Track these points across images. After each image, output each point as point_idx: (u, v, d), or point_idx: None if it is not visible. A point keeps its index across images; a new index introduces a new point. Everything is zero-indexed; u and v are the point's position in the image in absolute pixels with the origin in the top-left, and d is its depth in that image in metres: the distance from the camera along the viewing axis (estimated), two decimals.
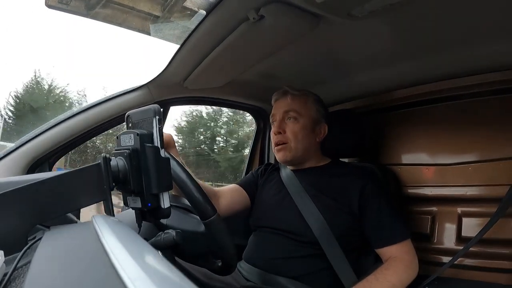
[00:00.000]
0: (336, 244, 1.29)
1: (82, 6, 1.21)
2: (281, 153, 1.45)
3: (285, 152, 1.44)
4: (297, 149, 1.44)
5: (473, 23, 1.13)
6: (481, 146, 1.51)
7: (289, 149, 1.44)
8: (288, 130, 1.44)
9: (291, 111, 1.44)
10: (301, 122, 1.44)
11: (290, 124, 1.44)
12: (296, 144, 1.43)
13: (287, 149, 1.44)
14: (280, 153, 1.46)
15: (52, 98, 15.96)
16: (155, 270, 0.39)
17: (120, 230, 0.54)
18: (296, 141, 1.43)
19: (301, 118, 1.44)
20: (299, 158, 1.47)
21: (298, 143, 1.43)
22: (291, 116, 1.44)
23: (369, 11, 1.01)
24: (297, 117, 1.44)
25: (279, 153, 1.46)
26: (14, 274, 0.47)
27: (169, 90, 1.65)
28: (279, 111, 1.47)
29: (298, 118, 1.44)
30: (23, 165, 1.35)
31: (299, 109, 1.45)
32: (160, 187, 0.71)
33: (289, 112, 1.45)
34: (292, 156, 1.45)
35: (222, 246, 0.95)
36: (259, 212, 1.50)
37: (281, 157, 1.46)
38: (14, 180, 0.83)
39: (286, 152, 1.44)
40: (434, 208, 1.62)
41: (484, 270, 1.43)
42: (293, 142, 1.43)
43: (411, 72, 1.54)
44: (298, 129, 1.43)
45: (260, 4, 1.01)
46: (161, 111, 0.73)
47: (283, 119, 1.46)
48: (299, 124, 1.44)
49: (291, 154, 1.44)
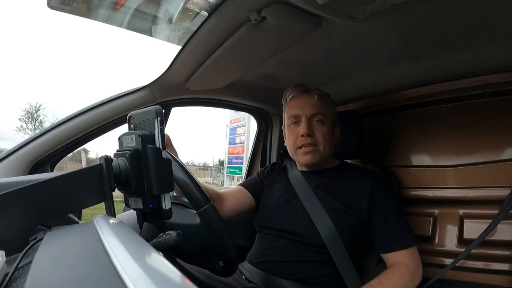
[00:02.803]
0: (343, 247, 1.29)
1: (84, 7, 1.21)
2: (309, 156, 1.41)
3: (314, 155, 1.41)
4: (325, 152, 1.42)
5: (475, 25, 1.13)
6: (482, 147, 1.51)
7: (318, 151, 1.41)
8: (317, 132, 1.40)
9: (319, 114, 1.41)
10: (327, 124, 1.42)
11: (318, 126, 1.41)
12: (325, 147, 1.41)
13: (317, 152, 1.41)
14: (308, 156, 1.42)
15: None
16: (156, 271, 0.38)
17: (121, 231, 0.54)
18: (325, 144, 1.41)
19: (326, 121, 1.42)
20: (322, 161, 1.45)
21: (327, 146, 1.41)
22: (319, 119, 1.41)
23: (371, 12, 1.00)
24: (324, 119, 1.42)
25: (306, 155, 1.42)
26: (15, 274, 0.47)
27: (171, 91, 1.65)
28: (304, 111, 1.41)
29: (324, 120, 1.42)
30: (25, 166, 1.36)
31: (325, 112, 1.42)
32: (161, 188, 0.71)
33: (316, 115, 1.41)
34: (319, 159, 1.42)
35: (217, 235, 0.95)
36: (265, 213, 1.49)
37: (309, 160, 1.42)
38: (16, 180, 0.83)
39: (315, 155, 1.41)
40: (435, 210, 1.62)
41: (486, 272, 1.43)
42: (322, 145, 1.40)
43: (412, 73, 1.54)
44: (326, 131, 1.41)
45: (262, 6, 1.01)
46: (163, 112, 0.73)
47: (310, 120, 1.41)
48: (326, 127, 1.42)
49: (319, 157, 1.42)
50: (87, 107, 1.48)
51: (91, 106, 1.48)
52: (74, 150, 1.53)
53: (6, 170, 1.32)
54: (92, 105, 1.49)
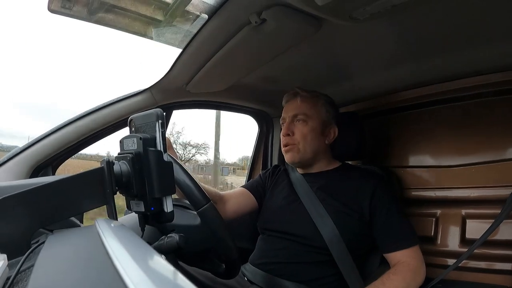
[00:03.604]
0: (345, 249, 1.29)
1: (84, 10, 1.21)
2: (289, 154, 1.45)
3: (293, 153, 1.44)
4: (306, 151, 1.44)
5: (475, 24, 1.13)
6: (484, 147, 1.51)
7: (297, 150, 1.44)
8: (296, 131, 1.44)
9: (300, 114, 1.44)
10: (310, 124, 1.44)
11: (299, 125, 1.44)
12: (305, 146, 1.43)
13: (295, 150, 1.44)
14: (288, 154, 1.46)
15: None
16: (158, 274, 0.39)
17: (123, 234, 0.54)
18: (305, 142, 1.43)
19: (310, 120, 1.44)
20: (308, 160, 1.47)
21: (307, 145, 1.43)
22: (300, 119, 1.44)
23: (371, 13, 1.00)
24: (306, 119, 1.44)
25: (287, 154, 1.46)
26: (17, 277, 0.47)
27: (171, 94, 1.66)
28: (288, 113, 1.47)
29: (307, 120, 1.44)
30: (26, 169, 1.36)
31: (308, 111, 1.44)
32: (163, 191, 0.71)
33: (298, 115, 1.45)
34: (300, 158, 1.45)
35: (217, 235, 0.95)
36: (268, 216, 1.49)
37: (289, 158, 1.46)
38: (18, 184, 0.84)
39: (294, 153, 1.44)
40: (437, 210, 1.61)
41: (489, 272, 1.43)
42: (302, 144, 1.43)
43: (413, 74, 1.54)
44: (307, 131, 1.43)
45: (262, 8, 1.01)
46: (164, 115, 0.73)
47: (292, 121, 1.46)
48: (308, 126, 1.44)
49: (299, 156, 1.44)
50: (88, 110, 1.48)
51: (92, 109, 1.48)
52: (75, 154, 1.54)
53: (8, 173, 1.33)
54: (93, 108, 1.49)
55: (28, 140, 1.41)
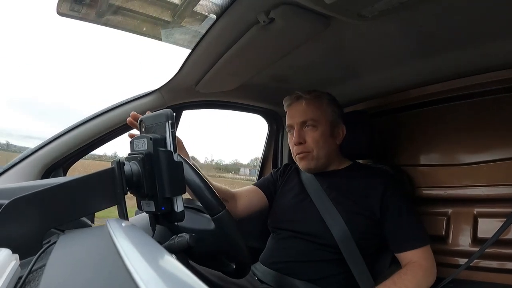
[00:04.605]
0: (356, 247, 1.28)
1: (93, 13, 1.22)
2: (304, 162, 1.44)
3: (308, 161, 1.44)
4: (319, 156, 1.43)
5: (485, 19, 1.12)
6: (495, 144, 1.48)
7: (311, 157, 1.43)
8: (308, 138, 1.42)
9: (308, 120, 1.42)
10: (320, 128, 1.42)
11: (309, 132, 1.43)
12: (318, 152, 1.42)
13: (310, 157, 1.43)
14: (303, 162, 1.45)
15: None
16: (169, 273, 0.39)
17: (134, 233, 0.54)
18: (318, 148, 1.42)
19: (319, 125, 1.42)
20: (323, 164, 1.46)
21: (320, 150, 1.42)
22: (310, 124, 1.42)
23: (379, 10, 1.00)
24: (315, 124, 1.42)
25: (302, 161, 1.45)
26: (29, 277, 0.47)
27: (181, 95, 1.66)
28: (295, 120, 1.44)
29: (316, 125, 1.42)
30: (38, 170, 1.37)
31: (316, 116, 1.42)
32: (173, 191, 0.71)
33: (307, 122, 1.42)
34: (315, 164, 1.44)
35: (232, 242, 0.94)
36: (278, 214, 1.49)
37: (305, 166, 1.46)
38: (29, 185, 0.84)
39: (309, 161, 1.44)
40: (449, 209, 1.59)
41: (500, 271, 1.40)
42: (315, 150, 1.42)
43: (423, 71, 1.52)
44: (318, 136, 1.42)
45: (270, 7, 1.01)
46: (174, 116, 0.74)
47: (301, 128, 1.44)
48: (319, 131, 1.42)
49: (314, 162, 1.44)
50: (98, 112, 1.49)
51: (102, 110, 1.50)
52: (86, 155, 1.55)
53: (20, 175, 1.34)
54: (103, 109, 1.50)
55: (39, 142, 1.43)
